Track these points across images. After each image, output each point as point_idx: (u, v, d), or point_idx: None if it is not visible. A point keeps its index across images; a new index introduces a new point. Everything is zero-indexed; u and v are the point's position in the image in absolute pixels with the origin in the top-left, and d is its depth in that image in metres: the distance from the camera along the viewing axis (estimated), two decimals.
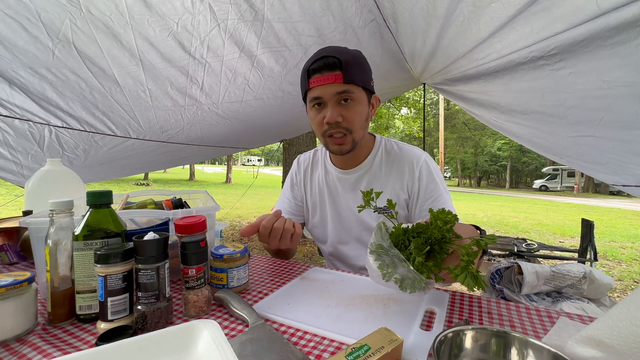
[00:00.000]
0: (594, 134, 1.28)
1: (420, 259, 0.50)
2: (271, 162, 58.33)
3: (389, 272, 0.51)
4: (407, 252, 0.53)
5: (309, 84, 0.78)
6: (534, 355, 0.39)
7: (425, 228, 0.54)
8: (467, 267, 0.46)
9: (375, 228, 0.58)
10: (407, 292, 0.50)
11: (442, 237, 0.52)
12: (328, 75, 0.76)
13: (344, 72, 0.76)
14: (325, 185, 0.97)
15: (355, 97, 0.79)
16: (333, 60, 0.76)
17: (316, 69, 0.77)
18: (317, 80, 0.77)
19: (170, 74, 1.47)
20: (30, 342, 0.46)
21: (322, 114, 0.80)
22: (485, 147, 26.04)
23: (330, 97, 0.77)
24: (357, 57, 0.80)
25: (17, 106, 1.40)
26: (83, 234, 0.52)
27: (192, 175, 20.60)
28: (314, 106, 0.81)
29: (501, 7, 1.01)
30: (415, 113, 9.60)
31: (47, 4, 1.02)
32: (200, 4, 1.16)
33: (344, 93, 0.77)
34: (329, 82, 0.76)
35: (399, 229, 0.57)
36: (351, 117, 0.80)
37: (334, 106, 0.78)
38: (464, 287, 0.53)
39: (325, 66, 0.76)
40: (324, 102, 0.79)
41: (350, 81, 0.77)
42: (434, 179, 0.88)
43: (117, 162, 2.27)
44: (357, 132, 0.82)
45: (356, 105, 0.80)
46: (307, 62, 0.80)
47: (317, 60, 0.77)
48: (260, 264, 0.84)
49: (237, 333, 0.50)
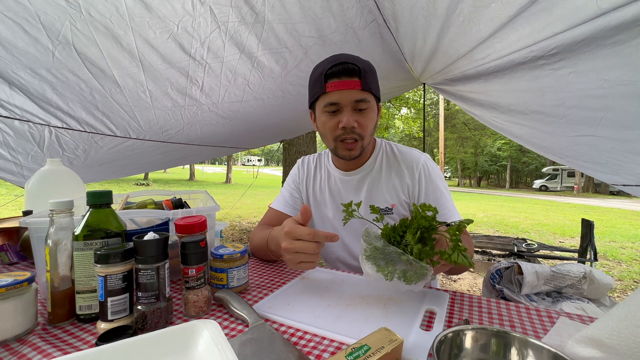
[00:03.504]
0: (593, 134, 1.28)
1: (419, 246, 0.53)
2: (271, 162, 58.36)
3: (390, 270, 0.53)
4: (402, 245, 0.56)
5: (326, 88, 0.78)
6: (534, 355, 0.39)
7: (411, 221, 0.58)
8: (457, 247, 0.51)
9: (363, 235, 0.59)
10: (413, 283, 0.52)
11: (429, 225, 0.56)
12: (347, 81, 0.76)
13: (363, 79, 0.77)
14: (327, 187, 0.97)
15: (370, 105, 0.80)
16: (353, 67, 0.77)
17: (334, 74, 0.77)
18: (335, 85, 0.77)
19: (170, 75, 1.47)
20: (30, 342, 0.46)
21: (337, 119, 0.80)
22: (485, 147, 26.03)
23: (348, 103, 0.78)
24: (371, 66, 0.82)
25: (17, 107, 1.40)
26: (83, 234, 0.52)
27: (192, 175, 20.61)
28: (328, 111, 0.81)
29: (501, 7, 1.01)
30: (415, 113, 9.59)
31: (47, 6, 1.02)
32: (201, 7, 1.16)
33: (362, 101, 0.78)
34: (349, 87, 0.76)
35: (387, 229, 0.59)
36: (365, 124, 0.81)
37: (351, 112, 0.79)
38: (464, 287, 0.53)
39: (345, 72, 0.76)
40: (340, 108, 0.79)
41: (368, 89, 0.78)
42: (434, 180, 0.88)
43: (117, 162, 2.27)
44: (367, 138, 0.83)
45: (370, 113, 0.81)
46: (322, 66, 0.80)
47: (336, 65, 0.77)
48: (260, 264, 0.84)
49: (237, 333, 0.50)
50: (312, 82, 0.84)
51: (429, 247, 0.55)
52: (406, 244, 0.55)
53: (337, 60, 0.78)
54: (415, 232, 0.55)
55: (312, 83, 0.84)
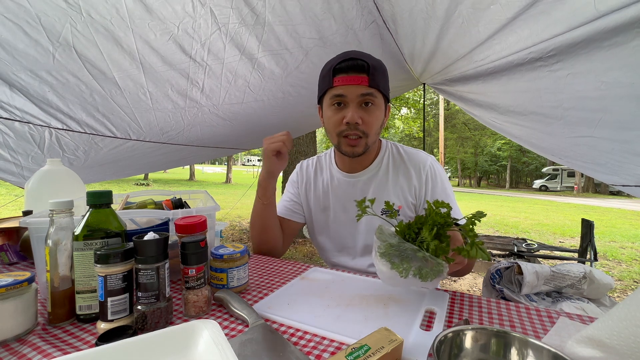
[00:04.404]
0: (592, 135, 1.29)
1: (435, 242, 0.53)
2: None
3: (405, 267, 0.52)
4: (418, 242, 0.55)
5: (333, 82, 0.78)
6: (534, 355, 0.39)
7: (426, 217, 0.57)
8: (474, 243, 0.51)
9: (376, 232, 0.59)
10: (428, 280, 0.52)
11: (444, 221, 0.56)
12: (355, 77, 0.76)
13: (370, 76, 0.76)
14: (331, 189, 0.96)
15: (377, 102, 0.80)
16: (362, 63, 0.76)
17: (343, 69, 0.77)
18: (342, 80, 0.77)
19: (170, 77, 1.47)
20: (30, 342, 0.46)
21: (341, 114, 0.80)
22: (485, 147, 26.05)
23: (354, 97, 0.78)
24: (382, 65, 0.82)
25: (18, 109, 1.40)
26: (83, 234, 0.52)
27: (192, 176, 20.60)
28: (334, 104, 0.81)
29: (500, 10, 1.01)
30: (415, 113, 9.60)
31: (47, 8, 1.03)
32: (202, 8, 1.16)
33: (368, 96, 0.78)
34: (355, 82, 0.76)
35: (402, 226, 0.59)
36: (370, 121, 0.80)
37: (356, 108, 0.78)
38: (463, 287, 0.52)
39: (353, 67, 0.77)
40: (345, 102, 0.79)
41: (375, 86, 0.78)
42: (440, 182, 0.89)
43: (118, 163, 2.27)
44: (372, 136, 0.83)
45: (376, 110, 0.81)
46: (332, 62, 0.81)
47: (345, 61, 0.77)
48: (260, 264, 0.84)
49: (237, 333, 0.50)
50: (321, 77, 0.84)
51: (445, 244, 0.54)
52: (422, 241, 0.54)
53: (347, 56, 0.78)
54: (432, 228, 0.55)
55: (321, 78, 0.84)
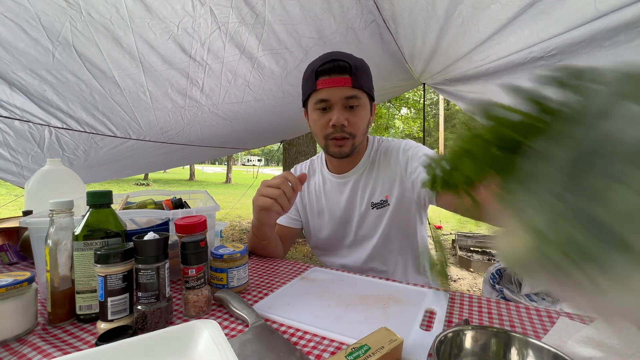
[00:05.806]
0: None
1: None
2: (271, 162, 58.34)
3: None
4: None
5: (316, 85, 0.77)
6: (534, 355, 0.39)
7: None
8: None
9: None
10: None
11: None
12: (337, 79, 0.75)
13: (353, 77, 0.76)
14: (323, 192, 0.96)
15: (361, 103, 0.79)
16: (344, 64, 0.76)
17: (325, 71, 0.76)
18: (325, 82, 0.76)
19: (170, 76, 1.47)
20: (30, 342, 0.46)
21: (327, 117, 0.80)
22: None
23: (339, 100, 0.77)
24: (364, 64, 0.81)
25: (17, 107, 1.40)
26: (83, 234, 0.52)
27: (192, 176, 20.60)
28: (318, 108, 0.80)
29: (500, 9, 1.01)
30: (415, 113, 9.60)
31: (47, 7, 1.03)
32: (201, 8, 1.16)
33: (352, 98, 0.77)
34: (339, 85, 0.76)
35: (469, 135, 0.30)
36: (356, 123, 0.80)
37: (341, 110, 0.78)
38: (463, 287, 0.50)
39: (335, 69, 0.76)
40: (330, 105, 0.79)
41: (359, 86, 0.77)
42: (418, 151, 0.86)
43: (118, 162, 2.27)
44: (359, 137, 0.82)
45: (361, 111, 0.80)
46: (313, 64, 0.80)
47: (327, 63, 0.76)
48: (260, 264, 0.84)
49: (237, 333, 0.50)
50: (304, 80, 0.83)
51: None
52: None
53: (328, 57, 0.77)
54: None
55: (304, 81, 0.83)
